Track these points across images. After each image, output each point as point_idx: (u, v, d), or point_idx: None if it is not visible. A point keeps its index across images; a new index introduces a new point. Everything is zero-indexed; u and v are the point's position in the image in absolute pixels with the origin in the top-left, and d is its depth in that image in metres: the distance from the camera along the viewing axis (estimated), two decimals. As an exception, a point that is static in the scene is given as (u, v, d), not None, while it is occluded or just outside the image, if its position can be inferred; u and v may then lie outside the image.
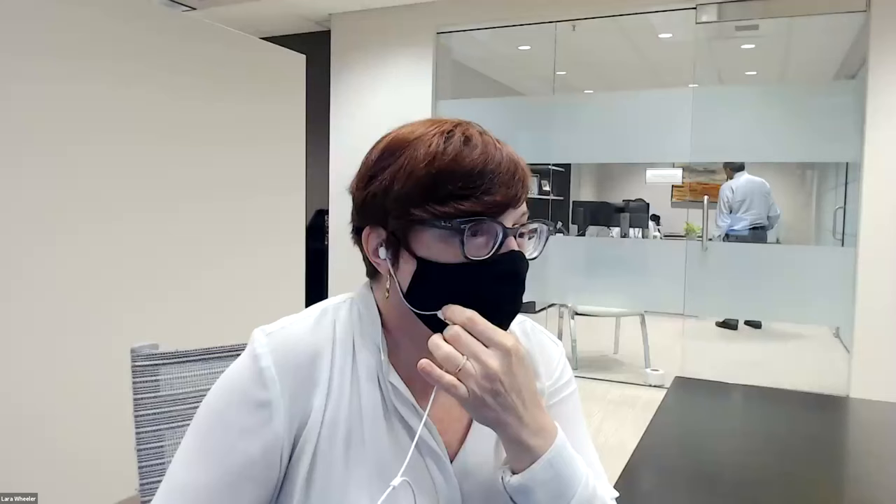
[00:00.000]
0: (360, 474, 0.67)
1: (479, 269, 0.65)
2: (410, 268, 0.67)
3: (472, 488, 0.71)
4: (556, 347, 0.84)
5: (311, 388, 0.68)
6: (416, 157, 0.65)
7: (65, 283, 2.15)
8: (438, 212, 0.64)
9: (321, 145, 4.84)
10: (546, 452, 0.64)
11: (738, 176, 5.58)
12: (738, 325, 5.95)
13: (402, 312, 0.69)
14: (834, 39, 5.07)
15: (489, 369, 0.61)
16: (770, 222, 5.51)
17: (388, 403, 0.70)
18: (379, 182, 0.67)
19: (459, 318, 0.63)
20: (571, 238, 5.75)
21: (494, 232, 0.65)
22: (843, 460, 1.39)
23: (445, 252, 0.65)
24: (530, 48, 5.70)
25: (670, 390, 1.73)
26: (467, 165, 0.65)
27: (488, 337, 0.62)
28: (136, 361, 0.96)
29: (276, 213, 3.11)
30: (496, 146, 0.68)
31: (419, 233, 0.66)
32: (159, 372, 0.97)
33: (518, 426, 0.63)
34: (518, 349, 0.63)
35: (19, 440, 2.00)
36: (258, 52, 3.05)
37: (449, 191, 0.64)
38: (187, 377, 0.99)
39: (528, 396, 0.64)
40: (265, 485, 0.66)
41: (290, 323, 0.71)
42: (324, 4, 4.91)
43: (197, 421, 0.68)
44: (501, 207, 0.65)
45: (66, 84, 2.15)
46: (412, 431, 0.70)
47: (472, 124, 0.70)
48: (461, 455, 0.72)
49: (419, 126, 0.69)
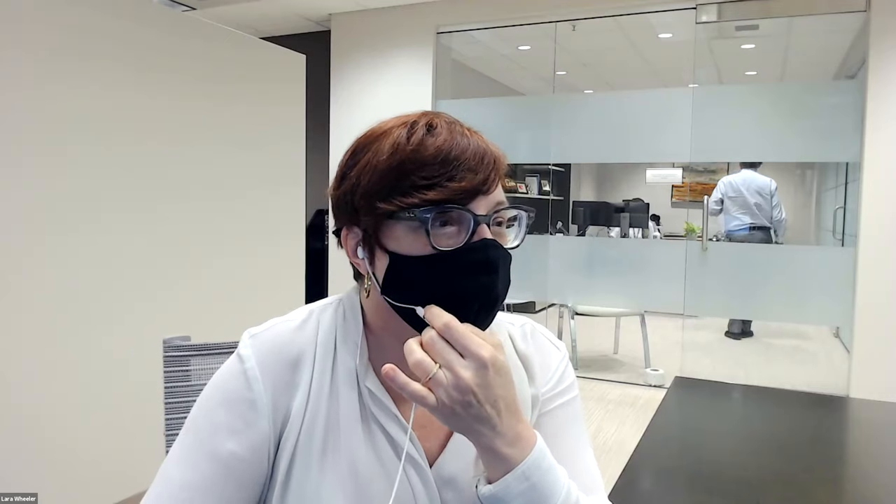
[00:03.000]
0: (334, 480, 0.66)
1: (449, 260, 0.62)
2: (384, 264, 0.65)
3: (453, 496, 0.69)
4: (557, 352, 0.81)
5: (292, 389, 0.67)
6: (380, 151, 0.64)
7: (65, 283, 2.15)
8: (404, 203, 0.62)
9: (321, 145, 4.84)
10: (521, 463, 0.60)
11: (741, 172, 5.34)
12: (744, 332, 5.69)
13: (385, 311, 0.67)
14: (834, 39, 5.07)
15: (461, 381, 0.57)
16: (774, 226, 5.28)
17: (365, 407, 0.69)
18: (349, 181, 0.67)
19: (437, 323, 0.60)
20: (571, 238, 5.75)
21: (465, 221, 0.63)
22: (843, 460, 1.38)
23: (415, 245, 0.63)
24: (530, 48, 5.70)
25: (670, 390, 1.73)
26: (430, 154, 0.63)
27: (464, 346, 0.58)
28: (167, 352, 1.03)
29: (276, 213, 3.11)
30: (463, 133, 0.65)
31: (388, 227, 0.64)
32: (189, 363, 1.05)
33: (492, 435, 0.59)
34: (496, 360, 0.59)
35: (19, 440, 2.00)
36: (258, 52, 3.05)
37: (412, 181, 0.62)
38: (215, 368, 1.06)
39: (505, 405, 0.60)
40: (253, 483, 0.67)
41: (276, 324, 0.71)
42: (324, 4, 4.91)
43: (189, 420, 0.69)
44: (469, 194, 0.63)
45: (66, 84, 2.15)
46: (390, 437, 0.69)
47: (442, 114, 0.68)
48: (441, 461, 0.70)
49: (391, 121, 0.68)
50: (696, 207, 7.63)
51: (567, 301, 4.77)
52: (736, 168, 5.65)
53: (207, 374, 1.02)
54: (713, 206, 5.35)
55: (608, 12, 4.48)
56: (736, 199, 5.27)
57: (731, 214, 5.32)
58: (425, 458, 0.70)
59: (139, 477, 0.93)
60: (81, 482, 2.15)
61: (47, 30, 2.10)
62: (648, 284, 4.53)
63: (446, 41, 4.91)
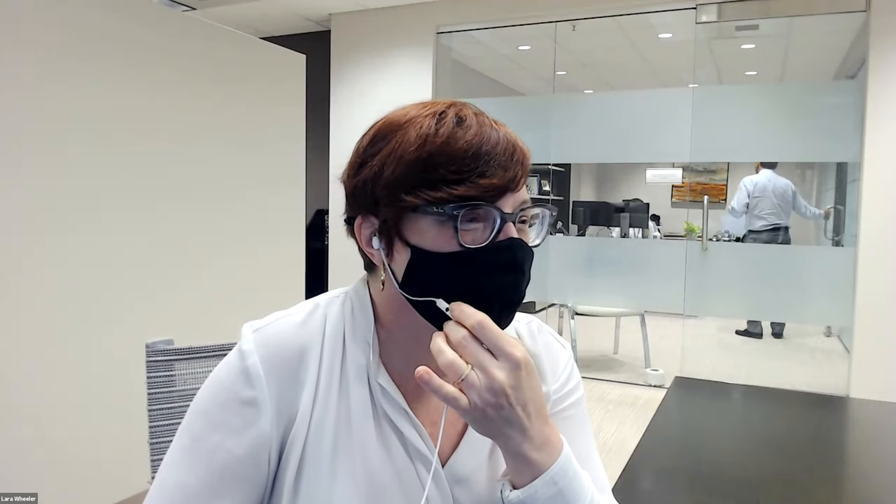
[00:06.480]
0: (347, 480, 0.64)
1: (476, 258, 0.60)
2: (404, 257, 0.62)
3: (464, 496, 0.68)
4: (563, 350, 0.80)
5: (298, 386, 0.65)
6: (406, 141, 0.61)
7: (65, 283, 2.15)
8: (431, 197, 0.60)
9: (321, 145, 4.84)
10: (549, 468, 0.59)
11: (762, 172, 5.35)
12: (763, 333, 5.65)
13: (399, 305, 0.65)
14: (834, 39, 5.07)
15: (495, 382, 0.56)
16: (815, 219, 5.44)
17: (377, 405, 0.67)
18: (369, 168, 0.64)
19: (469, 321, 0.58)
20: (571, 238, 5.75)
21: (492, 218, 0.61)
22: (843, 460, 1.38)
23: (440, 240, 0.60)
24: (530, 48, 5.70)
25: (670, 390, 1.73)
26: (460, 147, 0.60)
27: (497, 346, 0.57)
28: (150, 357, 0.96)
29: (276, 213, 3.11)
30: (493, 126, 0.64)
31: (412, 220, 0.62)
32: (174, 367, 0.98)
33: (521, 439, 0.58)
34: (528, 361, 0.58)
35: (19, 440, 2.00)
36: (258, 52, 3.05)
37: (441, 175, 0.60)
38: (201, 373, 0.99)
39: (535, 409, 0.59)
40: (253, 485, 0.64)
41: (279, 318, 0.68)
42: (324, 4, 4.91)
43: (185, 419, 0.66)
44: (499, 191, 0.61)
45: (66, 84, 2.15)
46: (402, 435, 0.67)
47: (468, 104, 0.66)
48: (453, 460, 0.69)
49: (412, 108, 0.65)
50: (696, 207, 7.62)
51: (567, 301, 4.77)
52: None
53: (192, 378, 0.97)
54: (740, 207, 5.35)
55: (608, 12, 4.48)
56: (763, 199, 5.27)
57: (756, 214, 5.31)
58: (438, 457, 0.68)
59: (139, 477, 0.93)
60: (81, 482, 2.15)
61: (47, 30, 2.10)
62: (648, 284, 4.53)
63: (446, 41, 4.91)
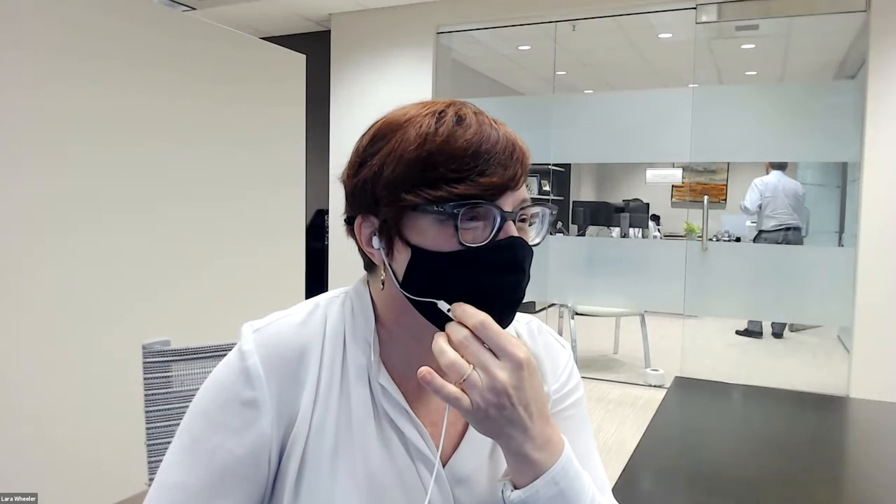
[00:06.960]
0: (348, 480, 0.64)
1: (477, 257, 0.60)
2: (405, 257, 0.63)
3: (465, 496, 0.68)
4: (563, 350, 0.80)
5: (298, 387, 0.65)
6: (406, 140, 0.62)
7: (65, 283, 2.15)
8: (431, 196, 0.60)
9: (321, 145, 4.84)
10: (551, 468, 0.59)
11: (772, 173, 5.38)
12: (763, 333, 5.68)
13: (399, 305, 0.65)
14: (834, 39, 5.07)
15: (497, 382, 0.56)
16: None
17: (377, 405, 0.67)
18: (369, 168, 0.64)
19: (471, 321, 0.58)
20: (571, 238, 5.75)
21: (492, 216, 0.61)
22: (843, 460, 1.38)
23: (440, 239, 0.61)
24: (530, 48, 5.71)
25: (670, 390, 1.73)
26: (460, 146, 0.61)
27: (500, 346, 0.57)
28: (147, 358, 0.95)
29: (276, 213, 3.11)
30: (492, 125, 0.64)
31: (412, 219, 0.62)
32: (170, 368, 0.97)
33: (522, 439, 0.58)
34: (530, 361, 0.58)
35: (19, 440, 2.00)
36: (258, 52, 3.05)
37: (441, 174, 0.60)
38: (198, 374, 0.99)
39: (536, 409, 0.59)
40: (254, 485, 0.64)
41: (279, 318, 0.68)
42: (324, 4, 4.91)
43: (185, 420, 0.66)
44: (499, 190, 0.61)
45: (66, 84, 2.15)
46: (403, 435, 0.67)
47: (467, 104, 0.66)
48: (454, 460, 0.69)
49: (412, 108, 0.65)
50: (696, 207, 7.63)
51: (567, 301, 4.77)
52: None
53: (190, 379, 0.97)
54: (753, 206, 5.36)
55: (608, 12, 4.48)
56: (774, 199, 5.28)
57: (768, 215, 5.32)
58: (438, 456, 0.68)
59: (139, 477, 0.93)
60: (81, 482, 2.15)
61: (47, 30, 2.10)
62: (648, 284, 4.53)
63: (446, 41, 4.91)
